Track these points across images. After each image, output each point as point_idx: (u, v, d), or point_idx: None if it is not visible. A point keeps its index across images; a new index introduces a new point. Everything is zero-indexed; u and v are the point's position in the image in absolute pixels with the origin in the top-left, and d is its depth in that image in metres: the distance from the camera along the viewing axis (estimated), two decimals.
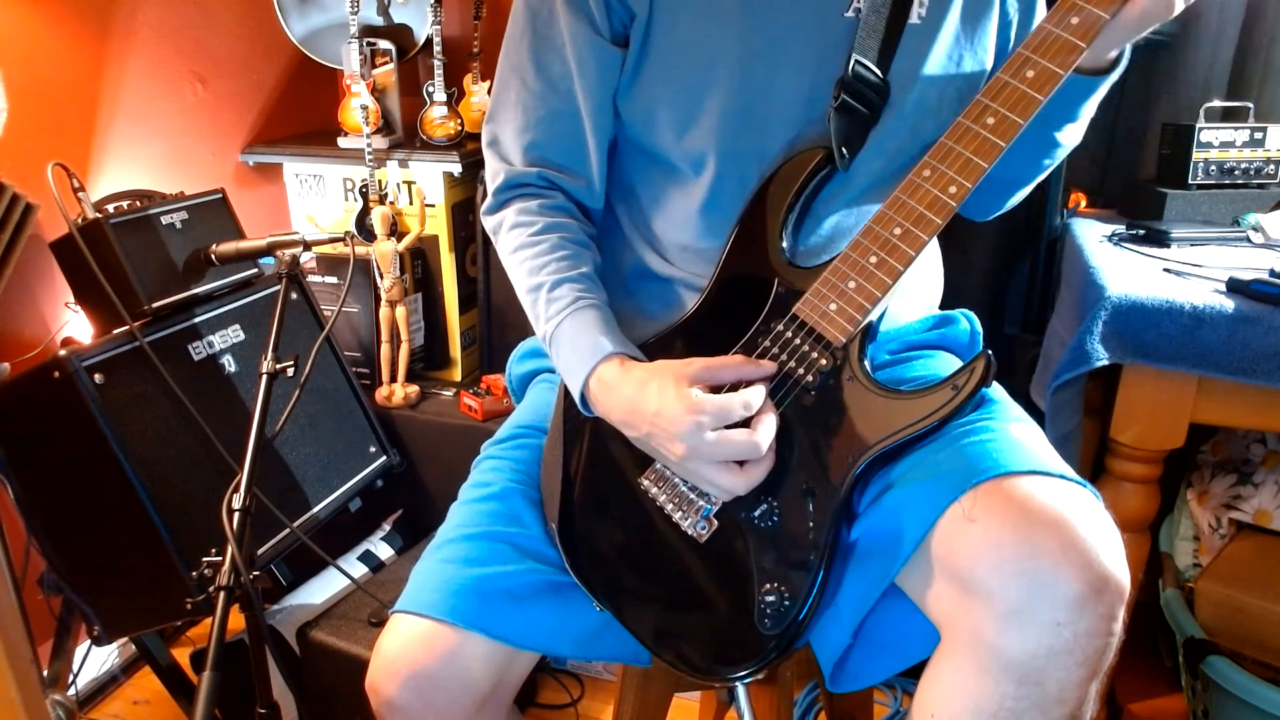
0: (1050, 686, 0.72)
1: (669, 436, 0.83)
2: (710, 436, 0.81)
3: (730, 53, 0.90)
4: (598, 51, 0.93)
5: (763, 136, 0.93)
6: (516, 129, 0.98)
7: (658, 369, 0.86)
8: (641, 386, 0.85)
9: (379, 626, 1.48)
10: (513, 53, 0.98)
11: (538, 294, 0.94)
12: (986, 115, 0.81)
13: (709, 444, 0.81)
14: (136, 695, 1.76)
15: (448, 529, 0.96)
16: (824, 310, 0.86)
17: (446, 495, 1.01)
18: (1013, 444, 0.81)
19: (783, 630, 0.82)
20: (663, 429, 0.83)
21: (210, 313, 1.51)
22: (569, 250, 0.95)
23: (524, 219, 0.98)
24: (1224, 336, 1.16)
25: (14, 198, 1.36)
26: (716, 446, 0.81)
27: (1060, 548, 0.72)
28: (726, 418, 0.81)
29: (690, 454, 0.82)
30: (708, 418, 0.81)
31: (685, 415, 0.81)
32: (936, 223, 0.82)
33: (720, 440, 0.81)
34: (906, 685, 1.74)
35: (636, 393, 0.85)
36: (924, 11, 0.91)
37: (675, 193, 0.98)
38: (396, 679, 0.87)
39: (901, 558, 0.79)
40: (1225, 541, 1.55)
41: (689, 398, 0.82)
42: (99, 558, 1.39)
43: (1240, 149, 1.50)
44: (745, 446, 0.81)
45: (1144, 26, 0.79)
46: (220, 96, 1.94)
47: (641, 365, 0.88)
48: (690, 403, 0.81)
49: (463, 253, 1.98)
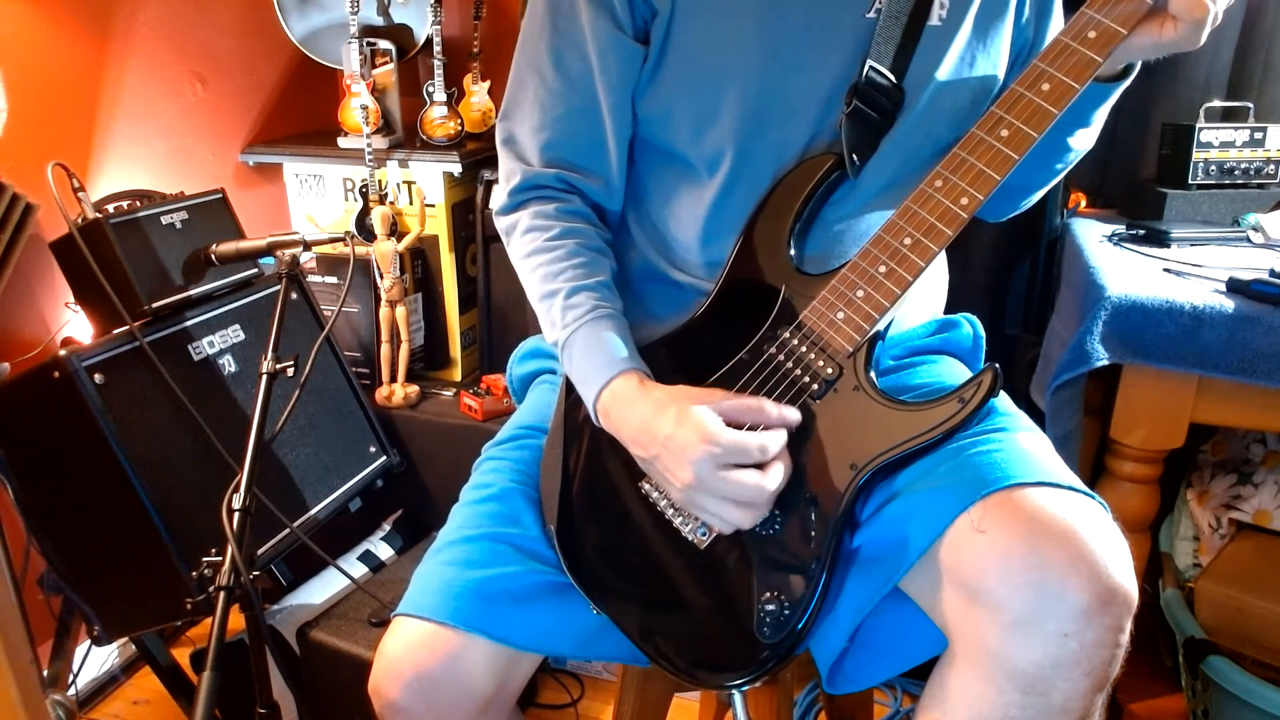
0: (1056, 697, 0.72)
1: (679, 463, 0.82)
2: (720, 472, 0.80)
3: (750, 51, 0.89)
4: (620, 47, 0.92)
5: (780, 136, 0.92)
6: (533, 127, 0.97)
7: (678, 393, 0.85)
8: (659, 408, 0.84)
9: (379, 626, 1.48)
10: (530, 49, 0.96)
11: (553, 300, 0.93)
12: (1001, 127, 0.81)
13: (717, 478, 0.80)
14: (136, 695, 1.76)
15: (449, 531, 0.95)
16: (831, 318, 0.86)
17: (446, 495, 1.01)
18: (1021, 455, 0.81)
19: (782, 638, 0.81)
20: (673, 454, 0.82)
21: (210, 313, 1.51)
22: (586, 257, 0.94)
23: (540, 223, 0.96)
24: (1224, 336, 1.16)
25: (14, 198, 1.36)
26: (723, 483, 0.80)
27: (1069, 559, 0.72)
28: (741, 456, 0.81)
29: (696, 484, 0.81)
30: (721, 451, 0.80)
31: (700, 444, 0.80)
32: (947, 234, 0.82)
33: (728, 478, 0.80)
34: (907, 686, 1.74)
35: (653, 413, 0.84)
36: (944, 13, 0.90)
37: (686, 193, 0.97)
38: (399, 681, 0.87)
39: (905, 566, 0.79)
40: (1225, 541, 1.55)
41: (706, 429, 0.81)
42: (99, 558, 1.38)
43: (1240, 149, 1.50)
44: (751, 491, 0.80)
45: (1166, 51, 0.79)
46: (220, 96, 1.94)
47: (661, 387, 0.87)
48: (708, 433, 0.80)
49: (463, 253, 1.98)
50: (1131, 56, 0.83)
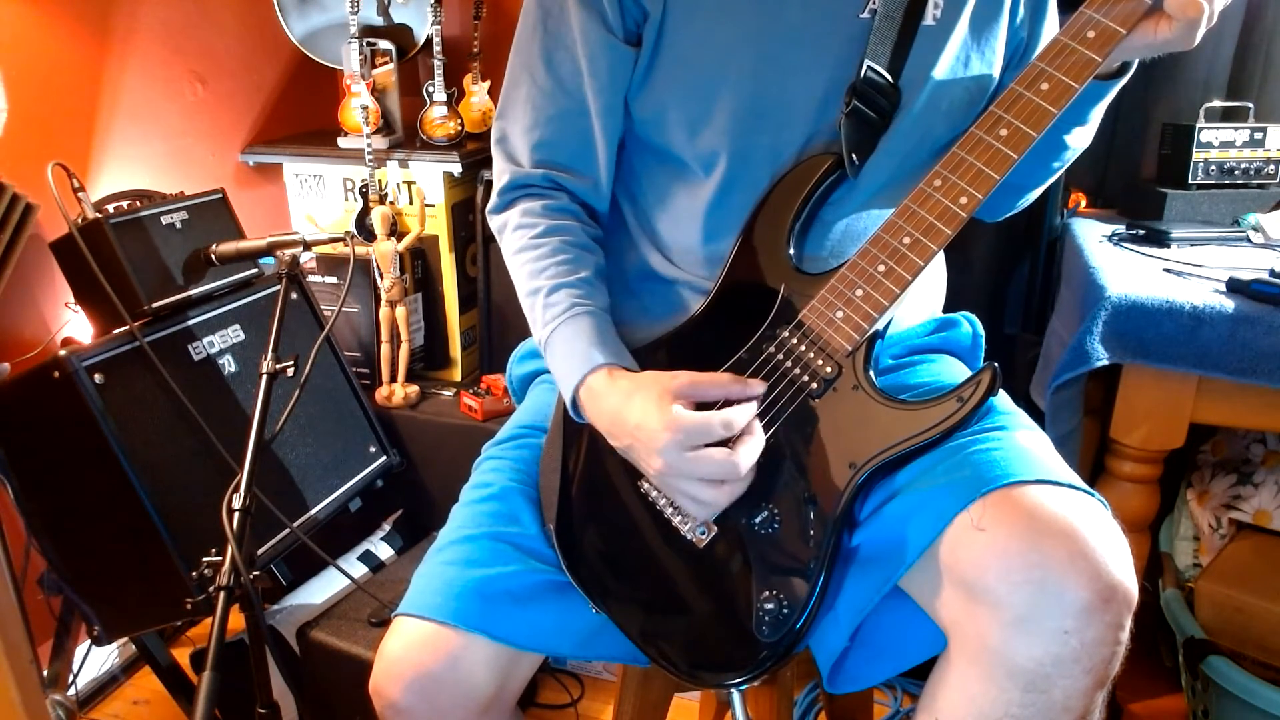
0: (1056, 694, 0.72)
1: (648, 450, 0.82)
2: (688, 454, 0.80)
3: (743, 52, 0.89)
4: (610, 50, 0.92)
5: (776, 136, 0.92)
6: (525, 127, 0.98)
7: (644, 380, 0.86)
8: (626, 398, 0.85)
9: (379, 626, 1.48)
10: (524, 50, 0.97)
11: (536, 298, 0.93)
12: (1000, 126, 0.81)
13: (686, 461, 0.81)
14: (136, 695, 1.76)
15: (449, 531, 0.96)
16: (830, 318, 0.86)
17: (446, 495, 1.01)
18: (1021, 453, 0.81)
19: (780, 637, 0.81)
20: (642, 442, 0.83)
21: (210, 313, 1.51)
22: (569, 254, 0.95)
23: (527, 220, 0.97)
24: (1224, 336, 1.16)
25: (14, 198, 1.36)
26: (693, 464, 0.81)
27: (1069, 557, 0.72)
28: (705, 436, 0.81)
29: (667, 469, 0.82)
30: (683, 435, 0.80)
31: (663, 431, 0.81)
32: (946, 233, 0.82)
33: (697, 458, 0.81)
34: (907, 685, 1.74)
35: (621, 404, 0.85)
36: (939, 13, 0.90)
37: (683, 193, 0.98)
38: (400, 682, 0.87)
39: (905, 565, 0.79)
40: (1225, 541, 1.55)
41: (668, 413, 0.81)
42: (99, 558, 1.39)
43: (1240, 149, 1.50)
44: (723, 466, 0.81)
45: (1161, 50, 0.79)
46: (220, 96, 1.94)
47: (629, 376, 0.87)
48: (669, 419, 0.81)
49: (463, 253, 1.98)
50: (1128, 55, 0.84)
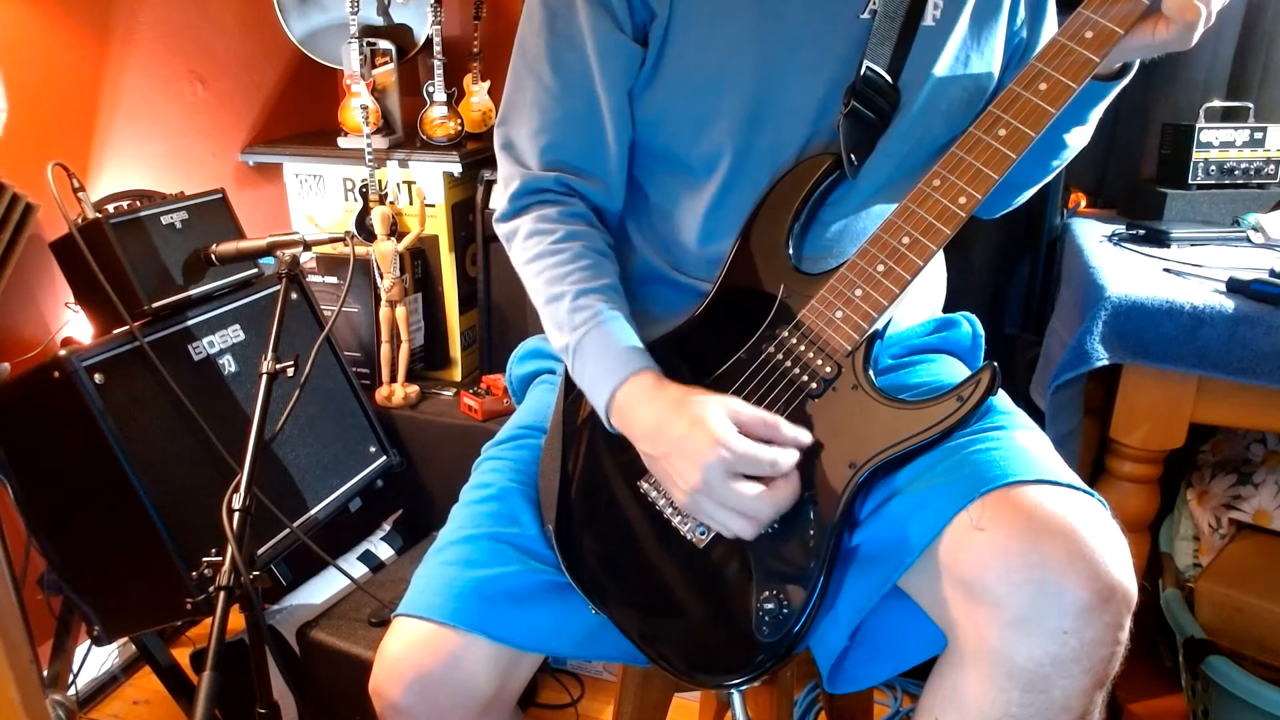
0: (1056, 694, 0.72)
1: (690, 464, 0.81)
2: (729, 480, 0.80)
3: (747, 55, 0.89)
4: (620, 48, 0.92)
5: (777, 137, 0.92)
6: (532, 130, 0.96)
7: (698, 392, 0.85)
8: (675, 408, 0.84)
9: (379, 626, 1.48)
10: (528, 52, 0.96)
11: (559, 303, 0.92)
12: (998, 126, 0.81)
13: (725, 486, 0.80)
14: (136, 695, 1.76)
15: (448, 531, 0.95)
16: (830, 317, 0.86)
17: (446, 495, 1.01)
18: (1020, 453, 0.81)
19: (780, 638, 0.81)
20: (686, 454, 0.81)
21: (210, 313, 1.51)
22: (591, 259, 0.94)
23: (543, 226, 0.96)
24: (1224, 336, 1.16)
25: (14, 198, 1.36)
26: (729, 491, 0.80)
27: (1068, 556, 0.72)
28: (752, 466, 0.80)
29: (703, 487, 0.80)
30: (733, 457, 0.79)
31: (713, 447, 0.79)
32: (945, 233, 0.82)
33: (735, 488, 0.80)
34: (907, 685, 1.74)
35: (668, 413, 0.84)
36: (938, 14, 0.91)
37: (683, 194, 0.97)
38: (400, 682, 0.87)
39: (904, 565, 0.79)
40: (1225, 541, 1.55)
41: (727, 431, 0.80)
42: (99, 558, 1.39)
43: (1240, 149, 1.50)
44: (756, 505, 0.80)
45: (1159, 51, 0.80)
46: (220, 96, 1.94)
47: (677, 386, 0.86)
48: (725, 436, 0.80)
49: (463, 253, 1.98)
50: (1126, 56, 0.84)
